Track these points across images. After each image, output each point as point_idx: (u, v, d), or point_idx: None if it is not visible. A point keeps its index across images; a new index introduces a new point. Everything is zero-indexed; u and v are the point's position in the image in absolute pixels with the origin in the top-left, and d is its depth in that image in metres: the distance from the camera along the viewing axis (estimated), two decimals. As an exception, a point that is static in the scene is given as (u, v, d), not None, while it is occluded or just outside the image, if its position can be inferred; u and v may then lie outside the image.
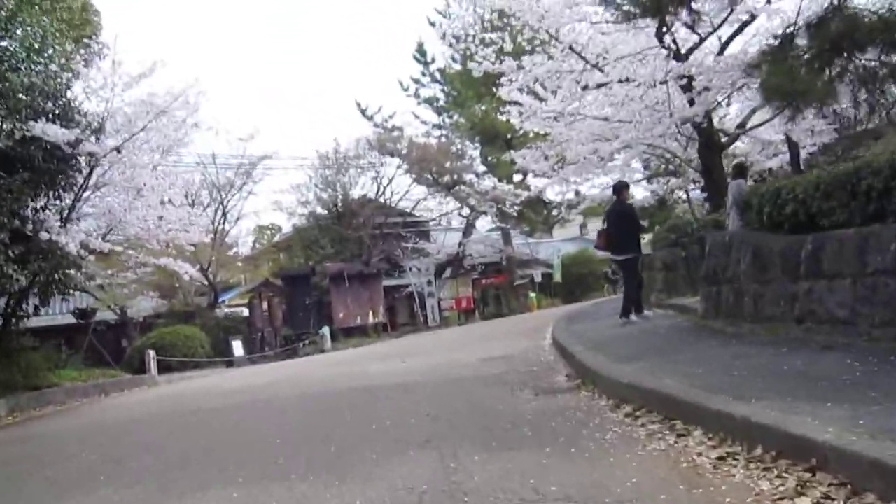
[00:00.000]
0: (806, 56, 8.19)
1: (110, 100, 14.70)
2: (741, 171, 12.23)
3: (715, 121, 18.27)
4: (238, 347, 25.51)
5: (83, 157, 14.16)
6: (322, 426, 6.73)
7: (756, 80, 14.07)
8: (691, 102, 15.67)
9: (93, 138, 13.86)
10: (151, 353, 20.57)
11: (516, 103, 19.91)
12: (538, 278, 41.06)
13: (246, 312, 30.38)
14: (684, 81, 15.11)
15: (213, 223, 31.86)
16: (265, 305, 29.17)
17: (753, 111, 18.06)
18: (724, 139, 17.59)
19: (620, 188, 12.58)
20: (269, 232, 46.11)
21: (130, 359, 25.07)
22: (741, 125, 18.13)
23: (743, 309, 8.19)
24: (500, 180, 33.63)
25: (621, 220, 11.76)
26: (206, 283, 31.04)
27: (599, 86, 17.28)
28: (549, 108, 19.25)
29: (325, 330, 27.50)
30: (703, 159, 17.21)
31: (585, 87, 17.64)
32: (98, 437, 8.31)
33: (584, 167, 25.26)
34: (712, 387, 5.03)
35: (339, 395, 8.71)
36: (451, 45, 37.60)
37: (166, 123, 15.82)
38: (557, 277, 42.06)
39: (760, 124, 17.78)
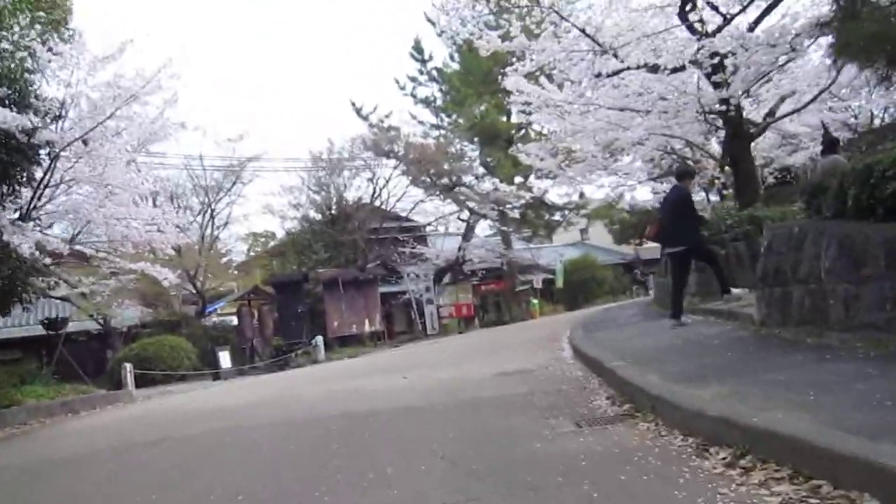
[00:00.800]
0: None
1: (74, 84, 13.10)
2: (834, 145, 10.62)
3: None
4: (225, 358, 23.89)
5: (42, 148, 12.57)
6: (302, 474, 5.14)
7: (785, 60, 12.66)
8: (717, 86, 14.21)
9: (52, 126, 12.27)
10: (129, 366, 18.95)
11: (521, 93, 18.49)
12: (538, 284, 39.52)
13: (236, 321, 28.79)
14: (716, 60, 13.60)
15: (200, 227, 30.36)
16: (255, 314, 27.56)
17: (783, 99, 16.65)
18: (751, 130, 16.04)
19: (683, 174, 11.10)
20: (262, 239, 44.61)
21: (112, 372, 23.46)
22: (770, 114, 16.64)
23: (826, 315, 6.62)
24: (501, 182, 32.11)
25: (677, 206, 10.27)
26: (193, 290, 29.50)
27: (616, 73, 15.83)
28: (559, 98, 17.77)
29: (319, 339, 25.90)
30: (731, 151, 15.76)
31: (599, 76, 16.17)
32: (24, 482, 6.71)
33: (590, 165, 23.89)
34: (862, 427, 3.46)
35: (328, 424, 7.13)
36: (450, 40, 36.24)
37: (139, 113, 14.31)
38: (560, 283, 40.58)
39: (792, 112, 16.38)
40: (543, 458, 4.59)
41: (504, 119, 36.27)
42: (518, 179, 35.90)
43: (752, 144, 18.07)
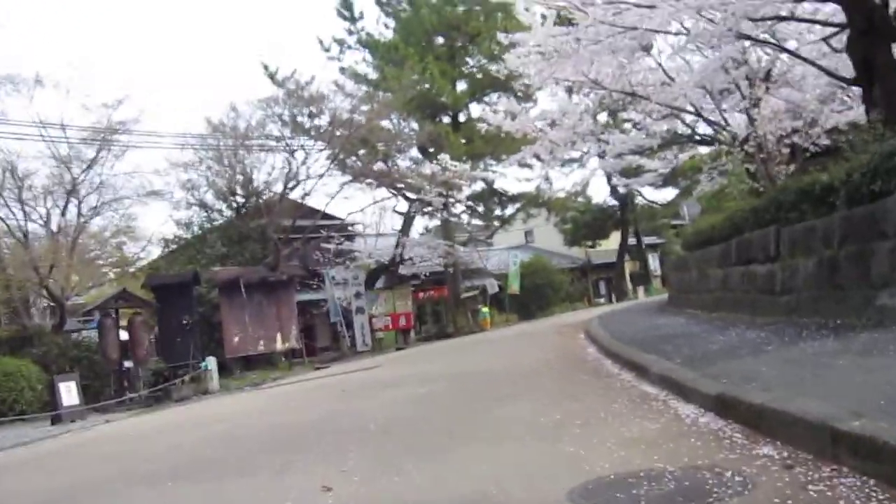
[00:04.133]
0: None
1: None
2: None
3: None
4: (70, 392, 16.77)
5: None
6: None
7: None
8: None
9: None
10: None
11: None
12: (493, 289, 33.33)
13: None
14: None
15: (61, 213, 22.97)
16: (127, 326, 20.51)
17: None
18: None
19: None
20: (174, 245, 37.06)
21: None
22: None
23: None
24: (450, 160, 25.77)
25: None
26: (48, 297, 22.37)
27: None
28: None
29: (211, 362, 19.07)
30: (864, 54, 9.81)
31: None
32: None
33: (576, 133, 18.35)
34: None
35: None
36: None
37: None
38: (515, 287, 34.52)
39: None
40: None
41: (451, 89, 30.07)
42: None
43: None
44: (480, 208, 33.31)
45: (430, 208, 28.54)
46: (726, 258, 11.37)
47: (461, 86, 31.25)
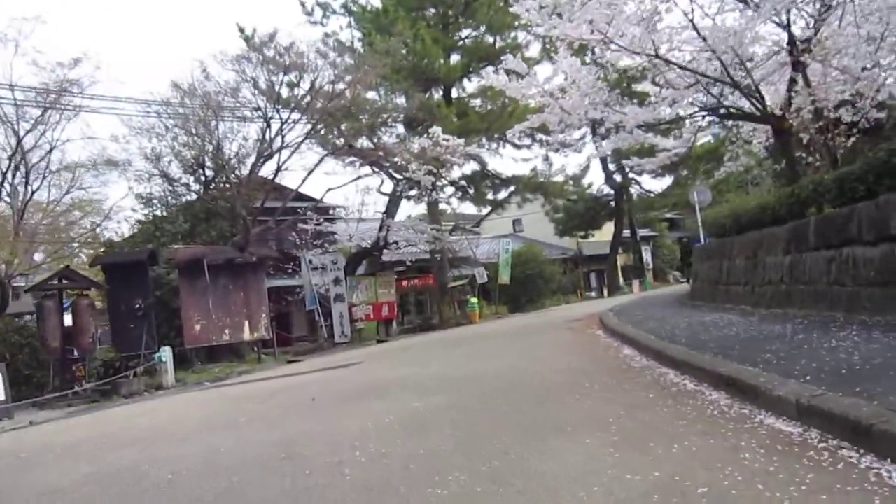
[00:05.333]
0: None
1: None
2: None
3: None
4: (-6, 386, 14.38)
5: None
6: None
7: None
8: None
9: None
10: None
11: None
12: (482, 278, 30.96)
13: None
14: None
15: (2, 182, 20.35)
16: (72, 309, 18.02)
17: None
18: None
19: None
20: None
21: None
22: None
23: None
24: (443, 133, 23.28)
25: None
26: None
27: None
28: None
29: (166, 353, 16.63)
30: None
31: None
32: None
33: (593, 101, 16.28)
34: None
35: None
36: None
37: None
38: (505, 278, 32.16)
39: None
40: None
41: (443, 62, 27.61)
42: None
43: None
44: (471, 191, 30.83)
45: (416, 191, 26.01)
46: (799, 241, 9.09)
47: (455, 57, 28.76)
